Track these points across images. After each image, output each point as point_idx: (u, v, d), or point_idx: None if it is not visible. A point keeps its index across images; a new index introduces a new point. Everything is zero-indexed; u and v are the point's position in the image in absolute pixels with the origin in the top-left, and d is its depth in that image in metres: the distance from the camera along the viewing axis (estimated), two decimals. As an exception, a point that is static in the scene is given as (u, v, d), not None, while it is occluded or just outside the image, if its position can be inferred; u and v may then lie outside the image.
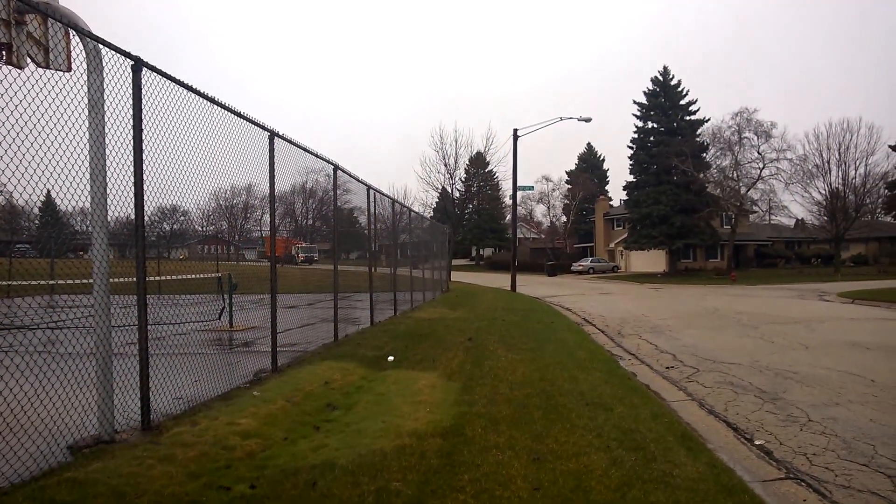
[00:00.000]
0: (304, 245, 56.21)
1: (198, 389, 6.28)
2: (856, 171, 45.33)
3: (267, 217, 8.21)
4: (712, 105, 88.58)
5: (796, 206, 70.88)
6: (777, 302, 21.99)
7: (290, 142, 8.20)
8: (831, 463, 5.08)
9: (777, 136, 45.12)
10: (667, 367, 9.63)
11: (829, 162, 45.41)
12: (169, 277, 13.85)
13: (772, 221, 58.61)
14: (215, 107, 6.24)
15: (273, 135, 7.62)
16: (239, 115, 6.71)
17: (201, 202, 6.59)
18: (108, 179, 4.88)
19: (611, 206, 69.67)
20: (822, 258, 56.59)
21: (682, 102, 49.10)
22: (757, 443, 5.70)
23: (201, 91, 5.93)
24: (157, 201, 5.55)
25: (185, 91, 5.72)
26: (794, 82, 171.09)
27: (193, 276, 13.96)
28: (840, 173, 45.31)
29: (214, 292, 12.71)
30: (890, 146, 50.76)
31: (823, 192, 45.89)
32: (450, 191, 51.15)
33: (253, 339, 10.77)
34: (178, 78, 5.56)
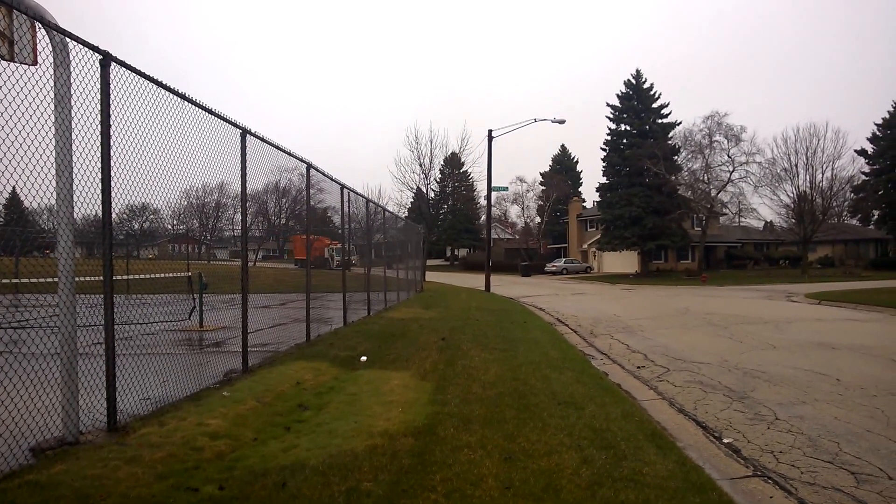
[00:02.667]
0: (340, 246, 52.70)
1: (166, 390, 6.18)
2: (823, 174, 46.38)
3: (239, 216, 8.10)
4: (684, 109, 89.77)
5: (765, 208, 72.47)
6: (746, 303, 22.38)
7: (262, 139, 8.11)
8: (797, 460, 5.19)
9: (747, 140, 46.08)
10: (638, 367, 9.74)
11: (796, 166, 46.39)
12: (138, 276, 13.60)
13: (741, 224, 59.78)
14: (186, 103, 6.15)
15: (245, 132, 7.53)
16: (210, 111, 6.62)
17: (172, 200, 6.50)
18: (74, 176, 4.78)
19: (584, 207, 70.24)
20: (789, 260, 57.78)
21: (655, 105, 49.68)
22: (725, 441, 5.80)
23: (171, 87, 5.84)
24: (127, 199, 5.46)
25: (156, 87, 5.63)
26: (764, 87, 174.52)
27: (163, 275, 13.74)
28: (807, 177, 46.31)
29: (184, 292, 12.52)
30: (855, 151, 52.23)
31: (791, 195, 46.90)
32: (425, 191, 51.19)
33: (223, 339, 10.64)
34: (148, 73, 5.46)
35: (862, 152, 53.27)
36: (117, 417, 5.07)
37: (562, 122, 31.83)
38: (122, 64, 5.11)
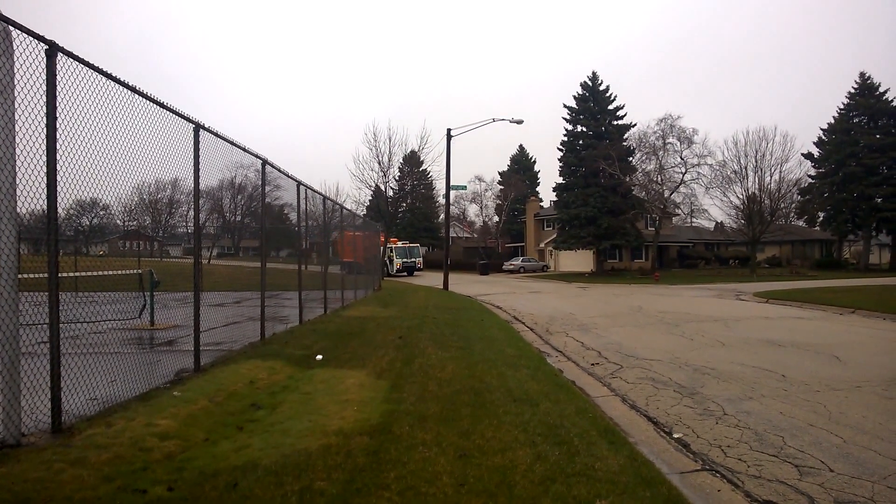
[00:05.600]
0: (400, 244, 47.95)
1: (114, 390, 6.02)
2: (771, 177, 47.71)
3: (192, 213, 7.92)
4: (639, 111, 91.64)
5: (716, 209, 74.31)
6: (697, 301, 22.97)
7: (216, 135, 7.96)
8: (744, 454, 5.37)
9: (699, 143, 47.14)
10: (592, 364, 9.91)
11: (746, 168, 47.62)
12: (86, 274, 13.19)
13: (693, 224, 61.21)
14: (137, 96, 6.00)
15: (198, 127, 7.38)
16: (162, 105, 6.46)
17: (122, 196, 6.32)
18: (17, 169, 4.61)
19: (541, 206, 70.95)
20: (739, 259, 59.49)
21: (611, 107, 50.42)
22: (675, 436, 5.96)
23: (121, 79, 5.68)
24: (75, 194, 5.29)
25: (105, 79, 5.47)
26: (715, 91, 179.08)
27: (113, 272, 13.35)
28: (756, 179, 47.57)
29: (135, 289, 12.20)
30: (802, 154, 54.08)
31: (741, 196, 48.13)
32: (384, 189, 50.85)
33: (175, 338, 10.40)
34: (97, 65, 5.31)
35: (808, 156, 55.22)
36: (62, 418, 4.91)
37: (519, 122, 32.08)
38: (70, 55, 4.96)
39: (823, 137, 55.45)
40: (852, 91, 53.89)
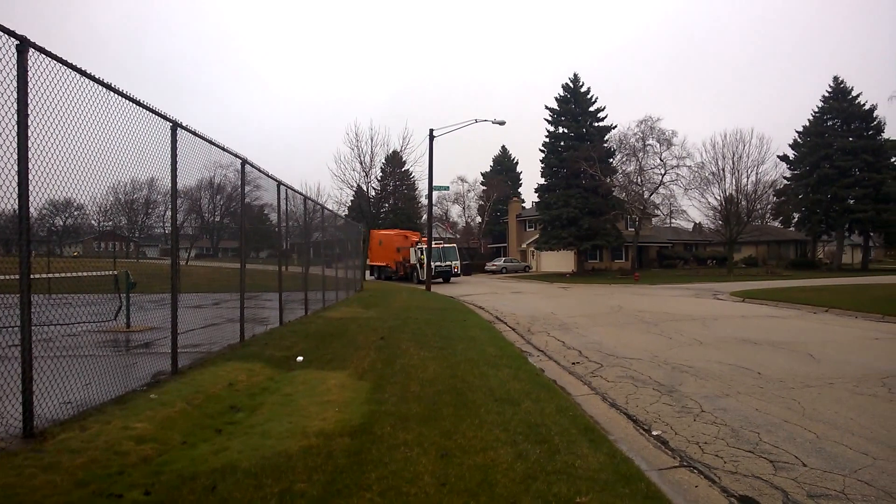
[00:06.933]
0: (434, 246, 35.19)
1: (89, 393, 5.89)
2: (748, 178, 48.43)
3: (169, 213, 7.81)
4: (619, 113, 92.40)
5: (694, 210, 75.17)
6: (676, 301, 23.18)
7: (194, 133, 7.86)
8: (721, 450, 5.42)
9: (678, 144, 47.66)
10: (573, 363, 9.95)
11: (723, 170, 48.25)
12: (60, 275, 12.96)
13: (672, 225, 61.86)
14: (112, 94, 5.89)
15: (176, 125, 7.27)
16: (138, 103, 6.36)
17: (98, 196, 6.21)
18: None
19: (523, 207, 71.25)
20: (716, 260, 60.23)
21: (592, 109, 50.78)
22: (654, 433, 5.99)
23: (97, 76, 5.58)
24: (48, 194, 5.17)
25: (79, 76, 5.36)
26: (694, 93, 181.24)
27: (87, 273, 13.13)
28: (734, 180, 48.24)
29: (110, 291, 12.00)
30: (778, 156, 54.99)
31: (719, 197, 48.76)
32: (365, 189, 50.70)
33: (152, 340, 10.24)
34: (71, 62, 5.20)
35: (784, 158, 56.16)
36: (34, 423, 4.80)
37: (502, 123, 32.15)
38: (42, 51, 4.85)
39: (798, 140, 56.41)
40: (826, 95, 54.90)
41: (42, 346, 6.87)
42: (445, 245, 41.09)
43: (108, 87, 5.81)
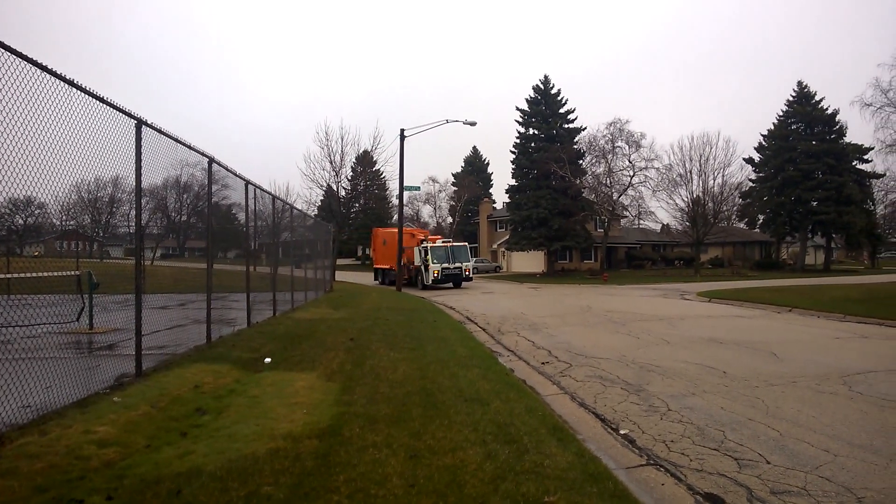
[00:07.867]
0: (440, 243, 34.25)
1: (50, 396, 5.74)
2: (714, 180, 49.28)
3: (134, 212, 7.66)
4: (589, 115, 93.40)
5: (662, 211, 76.28)
6: (644, 301, 23.49)
7: (160, 131, 7.70)
8: (687, 449, 5.51)
9: (646, 147, 48.49)
10: (542, 363, 10.02)
11: (691, 172, 48.99)
12: (20, 275, 12.60)
13: (641, 226, 62.62)
14: (74, 90, 5.75)
15: (141, 123, 7.12)
16: (101, 100, 6.21)
17: (60, 194, 6.05)
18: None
19: (494, 208, 71.53)
20: (684, 260, 61.25)
21: (562, 111, 51.14)
22: (622, 432, 6.06)
23: (58, 72, 5.44)
24: (7, 192, 5.02)
25: (40, 71, 5.22)
26: (663, 97, 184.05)
27: (49, 273, 12.78)
28: (700, 182, 49.01)
29: (73, 292, 11.71)
30: (744, 159, 56.18)
31: (686, 199, 49.50)
32: (336, 189, 50.32)
33: (116, 342, 10.01)
34: (31, 56, 5.06)
35: (749, 161, 57.42)
36: (-9, 427, 4.67)
37: (473, 123, 32.25)
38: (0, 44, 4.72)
39: (764, 143, 57.71)
40: (790, 99, 56.27)
41: (0, 349, 6.67)
42: (454, 244, 35.30)
43: (71, 83, 5.67)
